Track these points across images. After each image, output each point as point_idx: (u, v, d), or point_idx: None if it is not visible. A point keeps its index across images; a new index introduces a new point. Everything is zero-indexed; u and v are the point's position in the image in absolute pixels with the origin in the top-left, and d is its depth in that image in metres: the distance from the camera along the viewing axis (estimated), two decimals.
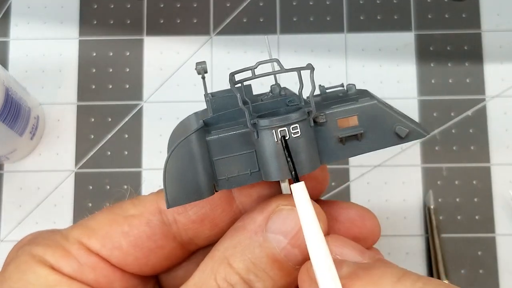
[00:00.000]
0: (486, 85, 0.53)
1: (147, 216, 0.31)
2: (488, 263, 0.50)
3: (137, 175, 0.52)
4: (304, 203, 0.25)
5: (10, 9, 0.55)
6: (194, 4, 0.55)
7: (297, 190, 0.25)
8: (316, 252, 0.25)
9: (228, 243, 0.28)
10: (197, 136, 0.26)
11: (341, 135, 0.27)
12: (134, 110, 0.53)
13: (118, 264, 0.30)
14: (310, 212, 0.25)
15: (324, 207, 0.28)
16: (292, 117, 0.25)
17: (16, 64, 0.54)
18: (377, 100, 0.27)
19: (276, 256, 0.27)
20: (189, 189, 0.26)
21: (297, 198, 0.25)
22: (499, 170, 0.52)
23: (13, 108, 0.46)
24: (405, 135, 0.27)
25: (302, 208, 0.25)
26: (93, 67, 0.54)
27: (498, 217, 0.51)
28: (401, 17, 0.55)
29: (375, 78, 0.54)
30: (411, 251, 0.51)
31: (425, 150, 0.52)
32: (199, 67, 0.28)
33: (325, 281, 0.24)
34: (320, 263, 0.24)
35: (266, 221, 0.27)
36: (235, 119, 0.27)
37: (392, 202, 0.52)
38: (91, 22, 0.55)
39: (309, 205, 0.25)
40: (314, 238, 0.25)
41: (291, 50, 0.54)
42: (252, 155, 0.26)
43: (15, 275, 0.29)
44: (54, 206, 0.52)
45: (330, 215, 0.30)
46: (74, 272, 0.29)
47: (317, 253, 0.25)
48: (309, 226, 0.25)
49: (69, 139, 0.53)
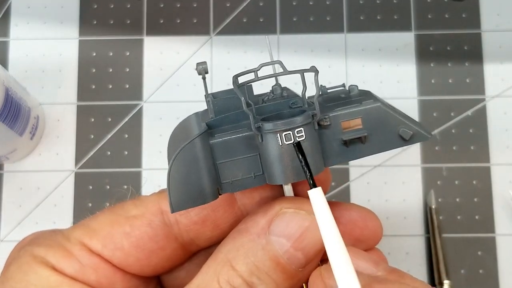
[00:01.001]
0: (486, 85, 0.53)
1: (148, 216, 0.31)
2: (488, 263, 0.50)
3: (137, 175, 0.52)
4: (323, 209, 0.25)
5: (10, 9, 0.55)
6: (194, 4, 0.55)
7: (315, 196, 0.25)
8: (338, 259, 0.24)
9: (231, 245, 0.28)
10: (201, 139, 0.26)
11: (345, 138, 0.26)
12: (134, 110, 0.53)
13: (119, 264, 0.30)
14: (329, 218, 0.25)
15: None
16: (297, 121, 0.25)
17: (16, 64, 0.54)
18: (381, 102, 0.26)
19: (279, 259, 0.27)
20: (193, 193, 0.26)
21: (316, 204, 0.25)
22: (499, 170, 0.52)
23: (13, 108, 0.46)
24: (409, 137, 0.27)
25: (321, 214, 0.25)
26: (93, 67, 0.54)
27: (498, 217, 0.51)
28: (401, 17, 0.55)
29: (375, 78, 0.54)
30: (411, 251, 0.51)
31: (425, 150, 0.52)
32: (200, 68, 0.28)
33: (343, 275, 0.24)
34: (342, 270, 0.24)
35: (269, 224, 0.27)
36: (238, 121, 0.27)
37: (392, 202, 0.52)
38: (91, 22, 0.55)
39: (328, 211, 0.25)
40: (335, 244, 0.24)
41: (291, 50, 0.54)
42: (256, 158, 0.26)
43: (17, 275, 0.29)
44: (54, 206, 0.52)
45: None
46: (76, 272, 0.29)
47: (339, 259, 0.24)
48: (329, 232, 0.25)
49: (69, 139, 0.53)
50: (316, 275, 0.27)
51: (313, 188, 0.25)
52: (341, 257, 0.24)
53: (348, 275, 0.24)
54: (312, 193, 0.25)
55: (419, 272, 0.50)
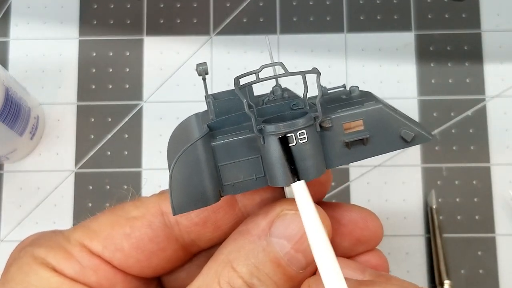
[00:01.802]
0: (486, 85, 0.53)
1: (149, 218, 0.31)
2: (488, 263, 0.50)
3: (137, 175, 0.52)
4: (306, 203, 0.25)
5: (10, 9, 0.55)
6: (194, 4, 0.55)
7: (297, 189, 0.25)
8: (321, 252, 0.25)
9: (232, 246, 0.28)
10: (203, 141, 0.26)
11: (347, 140, 0.26)
12: (134, 110, 0.53)
13: (120, 266, 0.30)
14: (312, 211, 0.25)
15: (327, 210, 0.28)
16: (299, 123, 0.25)
17: (16, 64, 0.54)
18: (383, 104, 0.26)
19: (279, 260, 0.27)
20: (195, 195, 0.26)
21: (298, 198, 0.25)
22: (499, 170, 0.52)
23: (13, 108, 0.46)
24: (411, 139, 0.27)
25: (304, 208, 0.25)
26: (93, 67, 0.54)
27: (498, 217, 0.51)
28: (401, 17, 0.55)
29: (375, 78, 0.54)
30: (411, 251, 0.51)
31: (425, 150, 0.52)
32: (200, 68, 0.28)
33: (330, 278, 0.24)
34: (325, 263, 0.24)
35: (270, 225, 0.27)
36: (239, 123, 0.27)
37: (392, 202, 0.52)
38: (91, 22, 0.55)
39: (310, 203, 0.25)
40: (316, 236, 0.25)
41: (291, 50, 0.54)
42: (258, 160, 0.26)
43: (17, 276, 0.29)
44: (54, 206, 0.52)
45: (332, 217, 0.30)
46: (76, 274, 0.29)
47: (322, 253, 0.25)
48: (312, 226, 0.25)
49: (69, 139, 0.53)
50: (305, 286, 0.27)
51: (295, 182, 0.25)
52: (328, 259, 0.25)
53: (336, 278, 0.24)
54: (294, 186, 0.25)
55: (419, 272, 0.50)
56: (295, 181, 0.26)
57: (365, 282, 0.26)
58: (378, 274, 0.28)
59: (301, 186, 0.25)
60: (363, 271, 0.28)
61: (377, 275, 0.27)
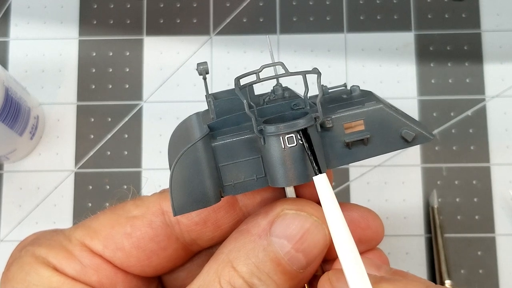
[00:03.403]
0: (486, 85, 0.53)
1: (149, 217, 0.31)
2: (488, 263, 0.50)
3: (137, 175, 0.52)
4: (328, 195, 0.25)
5: (10, 9, 0.55)
6: (194, 4, 0.55)
7: (319, 182, 0.25)
8: (344, 247, 0.25)
9: (233, 246, 0.28)
10: (203, 142, 0.26)
11: (348, 140, 0.26)
12: (134, 110, 0.53)
13: (120, 265, 0.30)
14: (334, 203, 0.25)
15: None
16: (299, 123, 0.25)
17: (16, 64, 0.54)
18: (383, 104, 0.26)
19: (279, 260, 0.27)
20: (195, 196, 0.26)
21: (321, 190, 0.25)
22: (499, 170, 0.52)
23: (13, 108, 0.46)
24: (412, 139, 0.27)
25: (327, 200, 0.25)
26: (93, 67, 0.54)
27: (498, 217, 0.51)
28: (401, 17, 0.55)
29: (375, 78, 0.54)
30: (411, 251, 0.51)
31: (425, 150, 0.52)
32: (201, 68, 0.28)
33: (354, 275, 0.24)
34: (348, 258, 0.24)
35: (271, 225, 0.27)
36: (240, 123, 0.27)
37: (392, 202, 0.52)
38: (91, 22, 0.55)
39: (332, 196, 0.25)
40: (340, 230, 0.25)
41: (291, 50, 0.54)
42: (258, 161, 0.26)
43: (18, 275, 0.29)
44: (54, 206, 0.52)
45: None
46: (77, 273, 0.30)
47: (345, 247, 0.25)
48: (335, 219, 0.25)
49: (69, 139, 0.53)
50: (325, 279, 0.27)
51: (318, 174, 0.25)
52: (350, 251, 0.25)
53: (358, 272, 0.24)
54: (316, 179, 0.25)
55: (419, 272, 0.50)
56: (296, 183, 0.26)
57: (385, 279, 0.26)
58: (394, 271, 0.27)
59: (323, 178, 0.25)
60: (379, 268, 0.28)
61: (394, 272, 0.27)
